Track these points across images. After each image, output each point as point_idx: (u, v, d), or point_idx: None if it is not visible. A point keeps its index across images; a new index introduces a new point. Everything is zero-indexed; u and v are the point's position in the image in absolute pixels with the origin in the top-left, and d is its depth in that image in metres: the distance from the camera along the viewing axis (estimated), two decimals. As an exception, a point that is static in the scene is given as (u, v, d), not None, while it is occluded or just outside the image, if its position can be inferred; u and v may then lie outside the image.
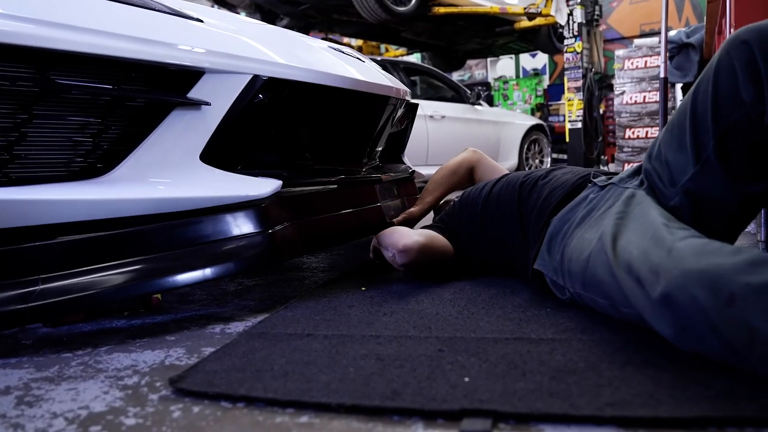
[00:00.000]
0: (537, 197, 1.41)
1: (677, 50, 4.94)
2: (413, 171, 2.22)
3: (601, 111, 7.35)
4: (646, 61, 5.65)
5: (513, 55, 11.08)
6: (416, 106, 2.26)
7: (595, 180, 1.30)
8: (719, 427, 0.69)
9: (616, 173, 1.31)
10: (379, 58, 5.73)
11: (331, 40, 3.14)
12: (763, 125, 0.98)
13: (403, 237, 1.54)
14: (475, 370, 0.88)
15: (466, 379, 0.85)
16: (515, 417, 0.74)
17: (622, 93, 5.79)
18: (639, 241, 0.97)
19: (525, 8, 7.07)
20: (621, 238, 1.02)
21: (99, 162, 1.23)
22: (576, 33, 6.37)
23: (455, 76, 10.86)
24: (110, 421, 0.80)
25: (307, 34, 2.40)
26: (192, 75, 1.29)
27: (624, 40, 9.85)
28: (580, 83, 6.40)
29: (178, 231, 1.28)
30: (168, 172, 1.28)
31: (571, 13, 6.38)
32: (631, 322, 1.02)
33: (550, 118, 9.63)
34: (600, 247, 1.05)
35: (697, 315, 0.79)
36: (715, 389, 0.77)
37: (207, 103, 1.29)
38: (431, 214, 2.04)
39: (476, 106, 6.14)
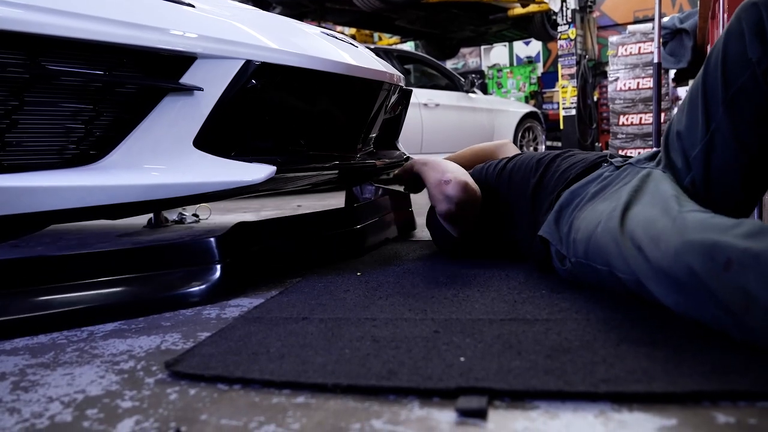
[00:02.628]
0: (555, 170, 1.43)
1: (671, 36, 4.94)
2: (408, 157, 2.21)
3: (595, 98, 7.35)
4: (639, 48, 5.64)
5: (507, 43, 11.07)
6: (410, 92, 2.26)
7: (611, 160, 1.34)
8: (713, 401, 0.70)
9: (631, 157, 1.34)
10: (372, 47, 5.70)
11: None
12: (766, 87, 1.01)
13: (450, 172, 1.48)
14: (470, 350, 0.89)
15: (462, 359, 0.85)
16: (510, 394, 0.74)
17: (616, 79, 5.79)
18: (647, 212, 0.99)
19: (518, -5, 7.06)
20: (631, 210, 1.04)
21: (91, 149, 1.22)
22: (570, 20, 6.36)
23: (449, 65, 10.84)
24: (107, 404, 0.80)
25: (300, 21, 2.38)
26: (184, 60, 1.28)
27: (618, 26, 9.84)
28: (573, 70, 6.40)
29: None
30: (161, 159, 1.28)
31: (564, 0, 6.36)
32: (628, 291, 1.03)
33: (544, 106, 9.63)
34: (610, 216, 1.07)
35: (694, 281, 0.80)
36: (708, 364, 0.77)
37: (200, 89, 1.29)
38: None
39: (470, 94, 6.13)
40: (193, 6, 1.37)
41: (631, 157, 1.34)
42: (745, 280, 0.74)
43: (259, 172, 1.36)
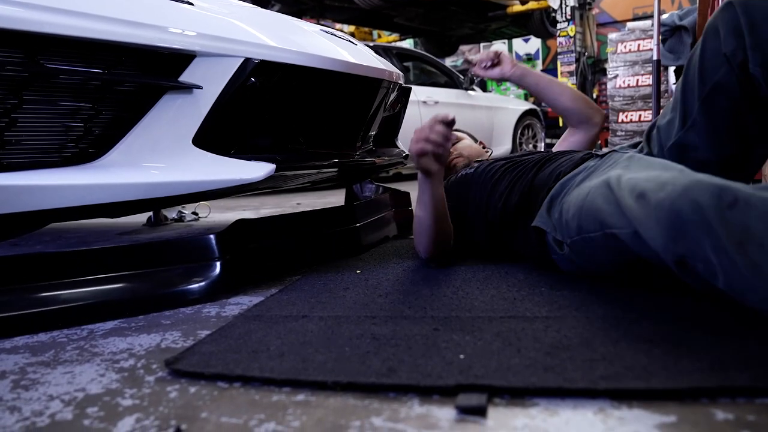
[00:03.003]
0: (545, 171, 1.46)
1: (670, 33, 4.93)
2: (407, 155, 2.21)
3: (595, 95, 7.35)
4: (639, 45, 5.63)
5: (506, 40, 11.04)
6: (409, 89, 2.26)
7: (596, 153, 1.40)
8: (711, 398, 0.70)
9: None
10: (371, 44, 5.70)
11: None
12: (743, 80, 1.05)
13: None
14: (470, 347, 0.89)
15: (462, 356, 0.85)
16: (510, 391, 0.74)
17: (615, 77, 5.77)
18: (647, 172, 1.01)
19: (517, -8, 7.05)
20: (626, 175, 1.05)
21: (91, 147, 1.22)
22: (569, 17, 6.35)
23: (448, 62, 10.82)
24: (107, 402, 0.80)
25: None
26: (183, 58, 1.28)
27: (617, 23, 9.82)
28: (573, 67, 6.39)
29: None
30: (160, 157, 1.28)
31: (563, -3, 6.36)
32: (623, 253, 1.06)
33: (544, 103, 9.61)
34: (601, 183, 1.09)
35: (696, 216, 0.81)
36: (707, 361, 0.77)
37: (199, 87, 1.29)
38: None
39: (469, 92, 6.12)
40: (192, 4, 1.37)
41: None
42: (748, 218, 0.76)
43: (258, 170, 1.37)
